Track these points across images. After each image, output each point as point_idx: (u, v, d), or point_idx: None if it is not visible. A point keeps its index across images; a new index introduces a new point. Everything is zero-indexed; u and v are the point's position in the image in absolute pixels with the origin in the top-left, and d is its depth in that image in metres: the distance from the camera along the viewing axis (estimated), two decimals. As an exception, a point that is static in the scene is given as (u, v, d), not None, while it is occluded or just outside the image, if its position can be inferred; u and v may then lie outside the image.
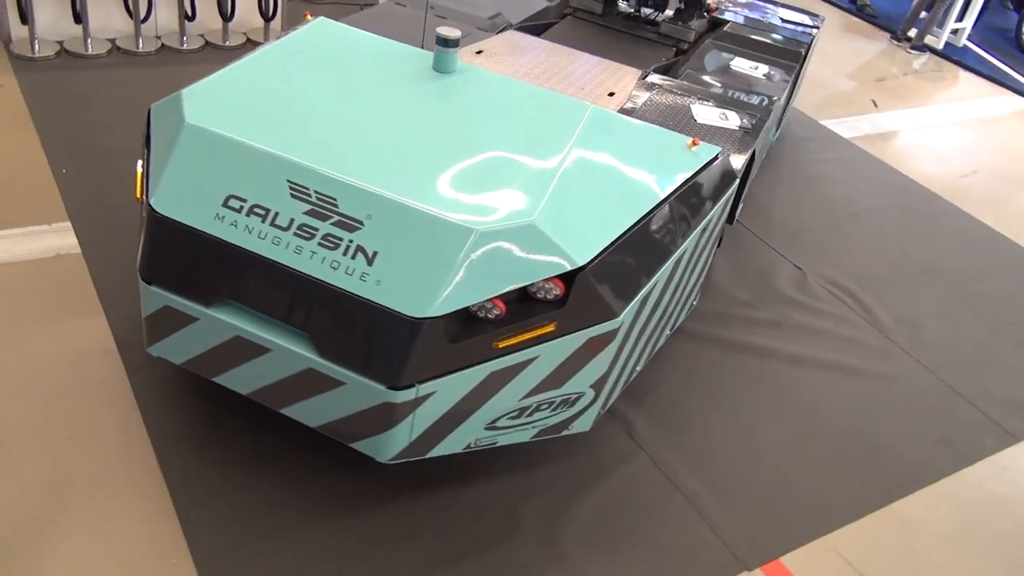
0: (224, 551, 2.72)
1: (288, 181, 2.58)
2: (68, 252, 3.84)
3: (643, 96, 4.10)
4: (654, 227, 2.94)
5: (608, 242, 2.70)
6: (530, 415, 2.81)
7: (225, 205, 2.61)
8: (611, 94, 4.09)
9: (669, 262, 3.03)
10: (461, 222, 2.45)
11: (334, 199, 2.54)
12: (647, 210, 2.91)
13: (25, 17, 5.32)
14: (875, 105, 7.09)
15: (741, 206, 4.78)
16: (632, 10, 5.33)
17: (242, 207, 2.60)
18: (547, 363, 2.69)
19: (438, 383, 2.53)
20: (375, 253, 2.49)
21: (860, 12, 9.36)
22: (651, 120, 3.82)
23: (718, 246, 4.31)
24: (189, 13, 5.80)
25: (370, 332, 2.47)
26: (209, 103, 2.78)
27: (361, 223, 2.52)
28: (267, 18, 6.11)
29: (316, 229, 2.54)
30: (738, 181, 3.65)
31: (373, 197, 2.51)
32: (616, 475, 3.24)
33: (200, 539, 2.75)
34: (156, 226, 2.66)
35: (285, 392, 2.67)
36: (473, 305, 2.52)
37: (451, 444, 2.73)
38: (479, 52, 4.25)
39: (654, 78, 4.34)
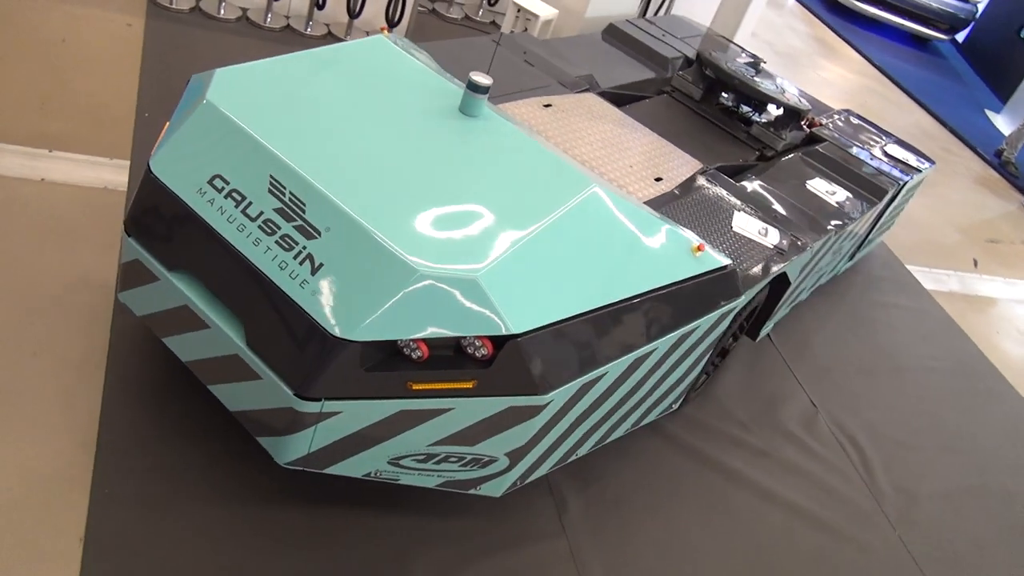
0: (121, 500, 2.83)
1: (270, 176, 2.69)
2: (115, 188, 4.10)
3: (690, 189, 4.05)
4: (616, 319, 2.90)
5: (553, 319, 2.68)
6: (438, 463, 2.80)
7: (210, 183, 2.74)
8: (658, 179, 4.06)
9: (627, 357, 2.97)
10: (406, 259, 2.48)
11: (304, 204, 2.63)
12: (611, 300, 2.87)
13: (172, -31, 5.73)
14: (975, 264, 6.73)
15: (771, 325, 4.64)
16: (730, 105, 5.27)
17: (223, 189, 2.72)
18: (462, 418, 2.68)
19: (346, 405, 2.56)
20: (321, 265, 2.56)
21: (1002, 167, 8.91)
22: (684, 215, 3.78)
23: (721, 358, 4.18)
24: (320, 1, 6.11)
25: (293, 337, 2.53)
26: (236, 87, 2.93)
27: (319, 233, 2.59)
28: (391, 23, 6.36)
29: (279, 227, 2.63)
30: (747, 298, 3.54)
31: (337, 211, 2.59)
32: (528, 551, 3.18)
33: (105, 481, 2.87)
34: (147, 185, 2.82)
35: (214, 370, 2.76)
36: (400, 341, 2.55)
37: (351, 467, 2.75)
38: (547, 105, 4.30)
39: (713, 175, 4.28)
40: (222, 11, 5.93)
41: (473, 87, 3.10)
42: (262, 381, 2.61)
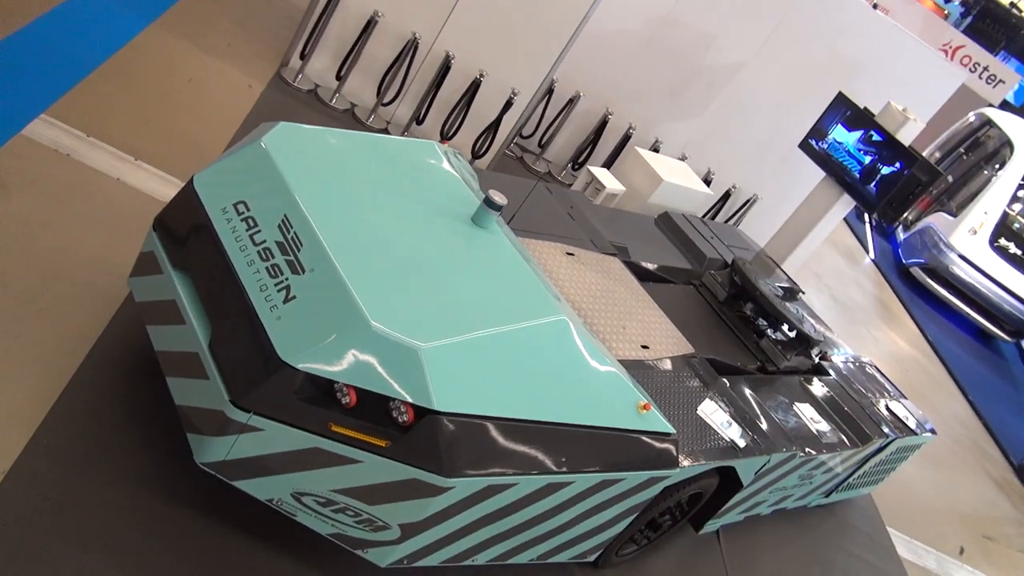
0: (52, 453, 3.08)
1: (284, 214, 3.07)
2: (175, 205, 4.58)
3: (671, 364, 4.27)
4: (541, 437, 3.09)
5: (478, 412, 2.90)
6: (335, 511, 2.97)
7: (234, 205, 3.14)
8: (644, 347, 4.30)
9: (542, 478, 3.13)
10: (363, 310, 2.78)
11: (301, 244, 2.99)
12: (541, 418, 3.07)
13: (304, 55, 6.49)
14: (960, 552, 6.59)
15: (717, 523, 4.69)
16: (749, 314, 5.53)
17: (243, 213, 3.11)
18: (368, 474, 2.88)
19: (269, 424, 2.80)
20: (294, 297, 2.88)
21: (1020, 477, 8.77)
22: (653, 382, 3.99)
23: (653, 532, 4.23)
24: (420, 117, 6.76)
25: (247, 351, 2.82)
26: (290, 140, 3.38)
27: (303, 271, 2.93)
28: (476, 154, 6.95)
29: (273, 256, 2.98)
30: (684, 474, 3.67)
31: (324, 256, 2.93)
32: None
33: (46, 432, 3.13)
34: (184, 193, 3.24)
35: (175, 363, 3.06)
36: (337, 383, 2.81)
37: (257, 488, 2.94)
38: (569, 254, 4.65)
39: (700, 362, 4.49)
40: (334, 100, 6.63)
41: (488, 202, 3.47)
42: (208, 382, 2.89)
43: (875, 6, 8.06)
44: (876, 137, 6.54)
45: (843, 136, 6.73)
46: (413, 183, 3.56)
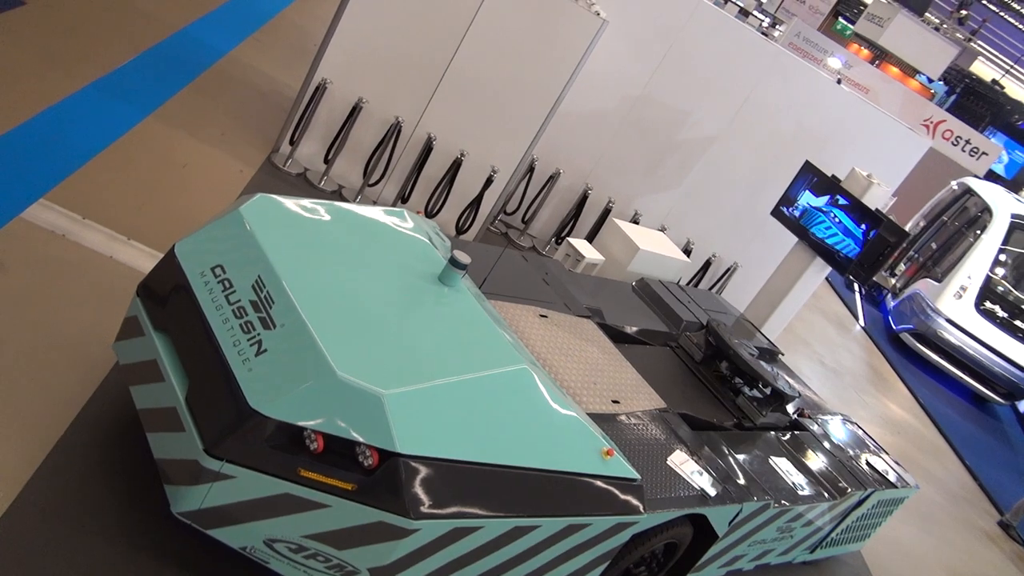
0: (38, 509, 3.22)
1: (258, 275, 3.29)
2: (165, 280, 4.80)
3: (641, 418, 4.40)
4: (505, 481, 3.22)
5: (441, 455, 3.04)
6: (306, 558, 3.09)
7: (212, 269, 3.36)
8: (615, 401, 4.45)
9: (508, 521, 3.25)
10: (330, 361, 2.96)
11: (273, 302, 3.19)
12: (505, 462, 3.21)
13: (293, 141, 6.84)
14: (955, 610, 6.55)
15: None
16: (726, 373, 5.68)
17: (219, 276, 3.33)
18: (336, 518, 3.00)
19: (242, 472, 2.95)
20: (265, 350, 3.06)
21: (1006, 531, 8.72)
22: (622, 434, 4.12)
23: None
24: (405, 196, 7.06)
25: (220, 402, 2.99)
26: (267, 209, 3.63)
27: (274, 326, 3.12)
28: (460, 230, 7.22)
29: (247, 314, 3.18)
30: (652, 520, 3.77)
31: (293, 312, 3.13)
32: None
33: (32, 490, 3.27)
34: (166, 260, 3.47)
35: (154, 419, 3.22)
36: (306, 430, 2.97)
37: (231, 535, 3.07)
38: (542, 316, 4.84)
39: (672, 417, 4.63)
40: (322, 183, 6.94)
41: (453, 262, 3.69)
42: (184, 433, 3.05)
43: (839, 81, 8.45)
44: (842, 201, 6.80)
45: (812, 202, 7.01)
46: (382, 246, 3.79)
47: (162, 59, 7.22)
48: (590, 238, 7.94)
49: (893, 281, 13.89)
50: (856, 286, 14.25)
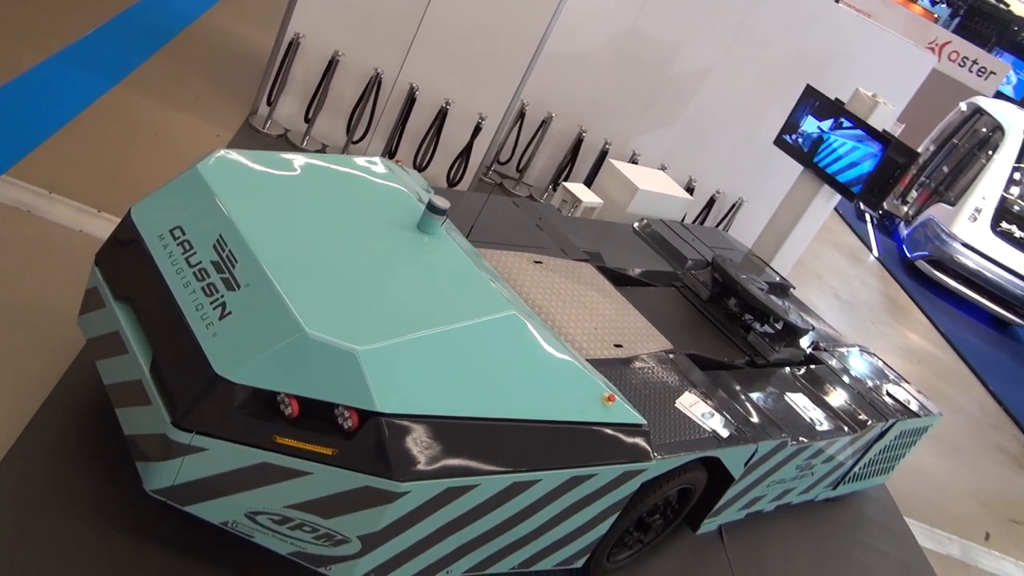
0: (5, 496, 3.04)
1: (219, 234, 3.06)
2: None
3: (646, 361, 4.18)
4: (498, 435, 3.01)
5: (428, 412, 2.83)
6: (292, 529, 2.90)
7: (170, 231, 3.13)
8: (617, 345, 4.22)
9: (505, 477, 3.05)
10: (297, 317, 2.74)
11: (236, 261, 2.97)
12: (496, 415, 3.00)
13: (271, 101, 6.57)
14: (987, 537, 6.35)
15: (715, 522, 4.55)
16: (735, 311, 5.44)
17: (179, 238, 3.10)
18: (319, 485, 2.81)
19: (213, 443, 2.75)
20: (229, 313, 2.84)
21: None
22: (626, 378, 3.90)
23: (643, 534, 4.09)
24: (392, 151, 6.79)
25: (185, 371, 2.78)
26: (227, 165, 3.39)
27: (238, 286, 2.90)
28: (451, 183, 6.96)
29: (208, 276, 2.96)
30: (661, 467, 3.57)
31: (258, 270, 2.90)
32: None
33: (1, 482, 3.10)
34: (123, 225, 3.25)
35: (122, 393, 3.02)
36: (278, 395, 2.76)
37: (210, 511, 2.88)
38: (537, 262, 4.60)
39: (680, 358, 4.40)
40: (304, 143, 6.68)
41: (431, 207, 3.44)
42: (151, 407, 2.85)
43: (837, 1, 8.07)
44: (847, 124, 6.49)
45: (815, 127, 6.69)
46: (355, 196, 3.54)
47: (129, 26, 6.93)
48: (588, 182, 7.66)
49: (905, 208, 13.52)
50: (867, 216, 13.91)
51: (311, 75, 6.51)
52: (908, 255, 12.53)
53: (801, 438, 4.49)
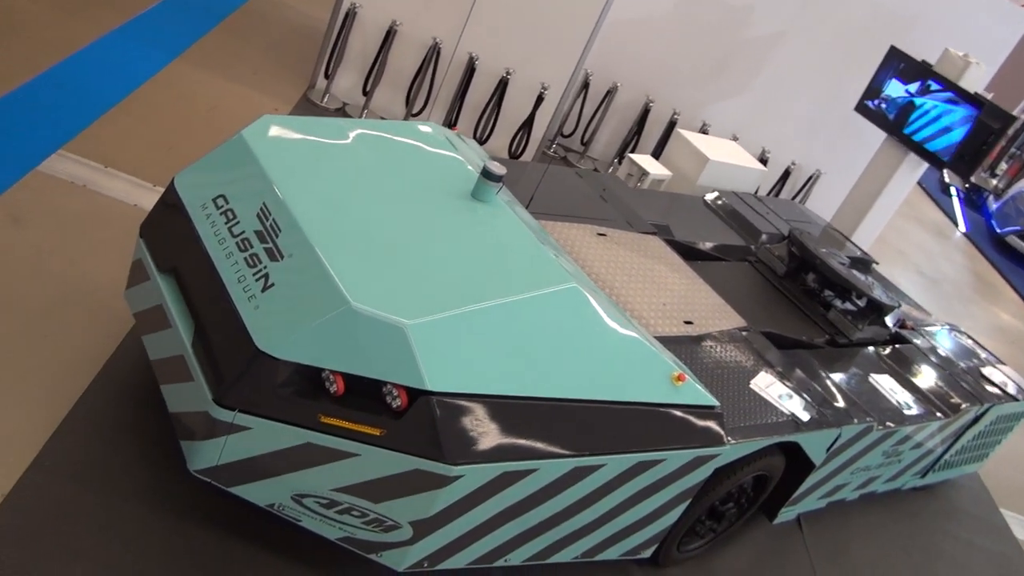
0: (55, 474, 2.96)
1: (263, 202, 2.90)
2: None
3: (718, 339, 3.91)
4: (558, 416, 2.80)
5: (480, 391, 2.63)
6: (340, 513, 2.74)
7: (213, 200, 2.99)
8: (688, 322, 3.96)
9: (566, 462, 2.83)
10: (343, 290, 2.56)
11: (279, 230, 2.80)
12: (556, 395, 2.79)
13: (328, 74, 6.43)
14: (1089, 531, 5.89)
15: (794, 511, 4.27)
16: (814, 286, 5.11)
17: (222, 207, 2.96)
18: (367, 468, 2.63)
19: (257, 421, 2.60)
20: (272, 284, 2.68)
21: None
22: (696, 357, 3.65)
23: (716, 522, 3.84)
24: (452, 122, 6.60)
25: (227, 346, 2.64)
26: (273, 131, 3.22)
27: (282, 257, 2.74)
28: (513, 156, 6.73)
29: (252, 246, 2.80)
30: (736, 452, 3.31)
31: (302, 240, 2.73)
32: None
33: (49, 454, 3.01)
34: (166, 196, 3.12)
35: (166, 370, 2.90)
36: (323, 371, 2.59)
37: (255, 492, 2.74)
38: (601, 234, 4.36)
39: (754, 336, 4.12)
40: (363, 116, 6.53)
41: (486, 174, 3.23)
42: (193, 383, 2.71)
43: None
44: (935, 87, 6.04)
45: (900, 91, 6.26)
46: (406, 163, 3.35)
47: (189, 2, 6.87)
48: (656, 155, 7.35)
49: (994, 182, 12.76)
50: (953, 190, 13.19)
51: (369, 46, 6.35)
52: (998, 230, 11.84)
53: (888, 422, 4.16)
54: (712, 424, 3.19)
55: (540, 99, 6.51)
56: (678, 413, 3.10)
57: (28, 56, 5.17)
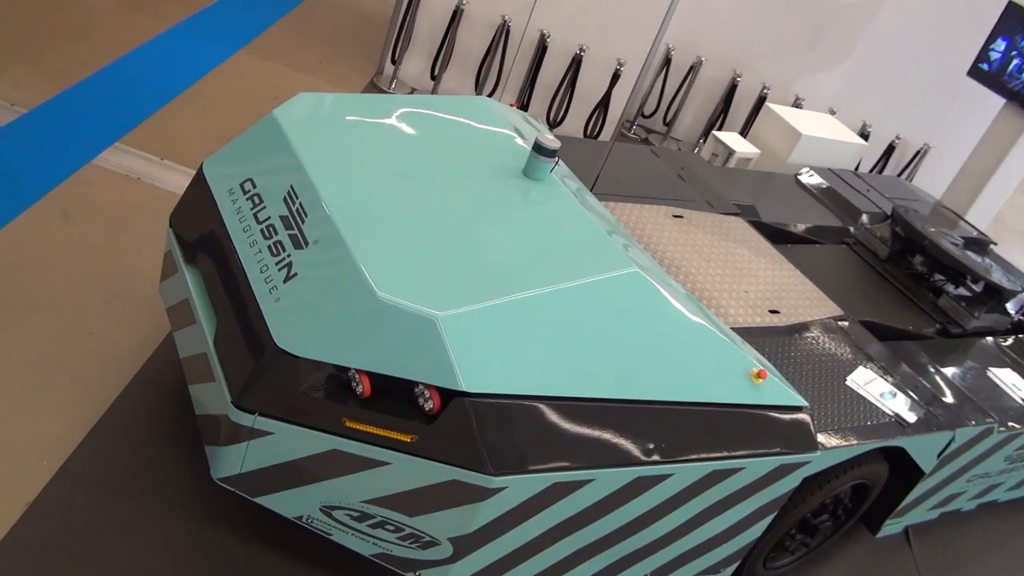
0: (85, 480, 2.80)
1: (291, 185, 2.65)
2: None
3: (809, 329, 3.49)
4: (617, 419, 2.45)
5: (525, 391, 2.32)
6: (373, 527, 2.47)
7: (241, 185, 2.76)
8: (773, 311, 3.55)
9: (626, 471, 2.49)
10: (369, 281, 2.28)
11: (306, 215, 2.55)
12: (615, 395, 2.45)
13: (395, 59, 6.21)
14: None
15: (900, 524, 3.80)
16: (922, 270, 4.59)
17: (249, 192, 2.72)
18: (400, 478, 2.36)
19: (278, 426, 2.35)
20: (295, 274, 2.43)
21: None
22: (786, 351, 3.24)
23: (809, 537, 3.42)
24: (524, 104, 6.28)
25: (247, 343, 2.40)
26: (307, 109, 2.98)
27: (306, 244, 2.48)
28: (589, 134, 6.37)
29: (276, 233, 2.56)
30: (828, 460, 2.89)
31: (328, 226, 2.47)
32: None
33: (80, 459, 2.85)
34: (194, 181, 2.91)
35: (191, 369, 2.69)
36: (348, 371, 2.32)
37: (282, 503, 2.49)
38: (677, 216, 3.97)
39: (853, 326, 3.67)
40: (431, 103, 6.28)
41: (538, 148, 2.90)
42: (215, 384, 2.49)
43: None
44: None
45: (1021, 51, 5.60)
46: (451, 141, 3.05)
47: (256, -7, 6.78)
48: (744, 134, 6.86)
49: None
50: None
51: (435, 29, 6.09)
52: None
53: (1011, 423, 3.65)
54: (799, 427, 2.79)
55: (616, 76, 6.13)
56: (759, 415, 2.71)
57: (93, 52, 5.12)
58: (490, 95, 6.30)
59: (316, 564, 2.83)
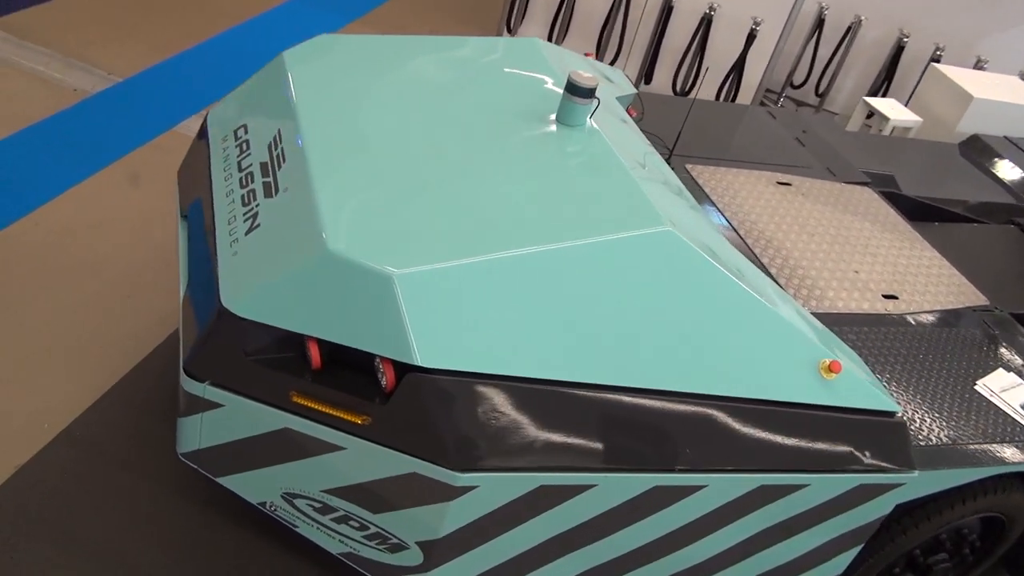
0: (80, 444, 2.66)
1: (278, 130, 2.35)
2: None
3: (939, 323, 2.81)
4: (636, 414, 1.97)
5: (506, 371, 1.89)
6: (337, 522, 2.12)
7: (235, 131, 2.50)
8: (889, 296, 2.88)
9: (642, 476, 2.00)
10: (324, 231, 1.92)
11: (283, 162, 2.24)
12: (628, 383, 1.96)
13: (511, 29, 5.85)
14: None
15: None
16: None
17: (240, 138, 2.46)
18: (356, 466, 1.99)
19: (228, 398, 2.04)
20: (257, 225, 2.12)
21: None
22: (898, 344, 2.61)
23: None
24: (648, 74, 5.75)
25: (201, 303, 2.12)
26: (322, 51, 2.68)
27: (276, 192, 2.17)
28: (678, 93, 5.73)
29: (252, 181, 2.27)
30: (934, 484, 2.25)
31: (300, 172, 2.14)
32: None
33: (78, 426, 2.72)
34: (200, 131, 2.69)
35: (184, 328, 2.45)
36: (301, 337, 1.98)
37: (244, 486, 2.19)
38: (782, 183, 3.36)
39: (999, 319, 2.94)
40: (549, 73, 5.88)
41: (571, 89, 2.43)
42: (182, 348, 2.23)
43: None
44: None
45: None
46: (481, 85, 2.64)
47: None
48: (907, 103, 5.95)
49: None
50: None
51: (553, -7, 5.68)
52: None
53: None
54: (888, 439, 2.16)
55: (751, 37, 5.45)
56: (829, 418, 2.11)
57: (204, 24, 5.12)
58: (612, 63, 5.81)
59: (311, 553, 2.52)
